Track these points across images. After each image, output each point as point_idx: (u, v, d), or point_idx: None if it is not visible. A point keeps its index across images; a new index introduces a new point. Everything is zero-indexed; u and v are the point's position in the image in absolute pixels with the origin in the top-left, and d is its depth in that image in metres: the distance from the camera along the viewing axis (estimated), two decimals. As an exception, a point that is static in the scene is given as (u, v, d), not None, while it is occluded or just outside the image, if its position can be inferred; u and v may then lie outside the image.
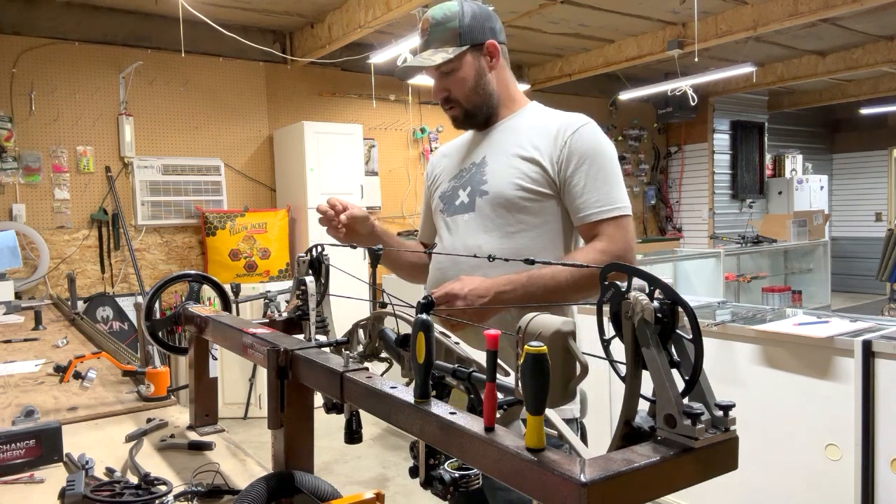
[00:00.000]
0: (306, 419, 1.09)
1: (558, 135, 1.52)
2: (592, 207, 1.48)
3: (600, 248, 1.46)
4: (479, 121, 1.64)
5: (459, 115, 1.62)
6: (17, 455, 1.25)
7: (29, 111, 4.85)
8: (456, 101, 1.60)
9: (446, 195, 1.67)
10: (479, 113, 1.62)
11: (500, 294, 1.42)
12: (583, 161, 1.49)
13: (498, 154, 1.59)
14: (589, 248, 1.49)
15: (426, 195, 1.84)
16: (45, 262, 4.82)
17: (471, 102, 1.60)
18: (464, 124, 1.66)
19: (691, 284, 6.32)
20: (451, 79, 1.58)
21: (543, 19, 5.71)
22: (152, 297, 1.55)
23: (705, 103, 8.52)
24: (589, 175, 1.49)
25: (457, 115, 1.63)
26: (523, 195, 1.51)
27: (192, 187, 5.47)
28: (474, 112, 1.61)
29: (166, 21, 5.13)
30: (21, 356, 2.39)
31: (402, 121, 6.72)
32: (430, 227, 1.82)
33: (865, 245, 9.93)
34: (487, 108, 1.62)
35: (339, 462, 3.97)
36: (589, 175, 1.49)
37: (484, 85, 1.59)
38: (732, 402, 0.65)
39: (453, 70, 1.57)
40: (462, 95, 1.59)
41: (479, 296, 1.41)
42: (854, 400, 2.42)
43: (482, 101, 1.60)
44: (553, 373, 0.64)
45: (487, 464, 0.68)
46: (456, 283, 1.44)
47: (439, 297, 1.43)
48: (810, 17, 5.26)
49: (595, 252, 1.46)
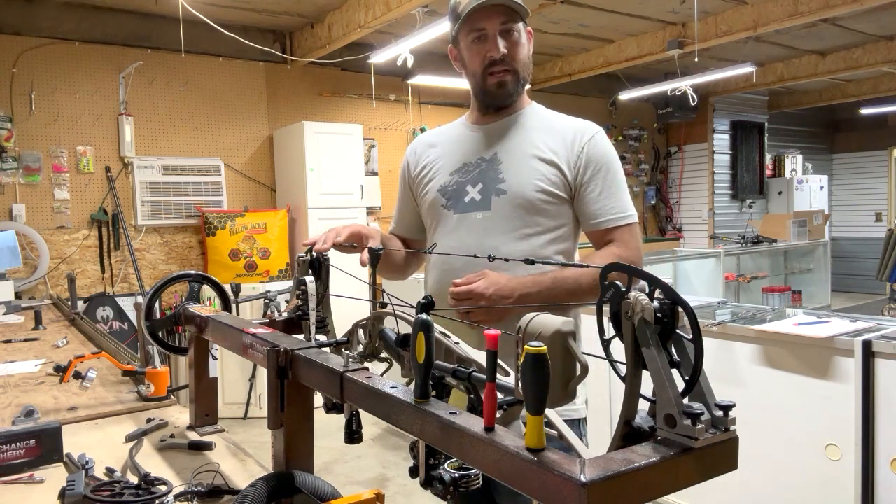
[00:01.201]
0: (306, 419, 1.09)
1: (575, 140, 1.53)
2: (608, 214, 1.51)
3: (616, 254, 1.48)
4: (514, 97, 1.58)
5: (510, 80, 1.54)
6: (17, 455, 1.25)
7: (29, 111, 4.85)
8: (511, 65, 1.53)
9: (449, 190, 1.60)
10: (519, 87, 1.57)
11: (524, 296, 1.40)
12: (599, 168, 1.51)
13: (513, 152, 1.56)
14: (606, 252, 1.50)
15: (405, 184, 1.77)
16: (45, 262, 4.82)
17: (524, 70, 1.56)
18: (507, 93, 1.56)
19: (691, 284, 6.32)
20: (511, 40, 1.52)
21: (543, 19, 5.71)
22: (152, 297, 1.55)
23: (705, 103, 8.52)
24: (605, 182, 1.51)
25: (506, 79, 1.54)
26: (543, 197, 1.51)
27: (192, 187, 5.47)
28: (520, 83, 1.57)
29: (166, 21, 5.13)
30: (21, 356, 2.39)
31: (402, 121, 6.72)
32: (411, 219, 1.76)
33: (865, 245, 9.93)
34: (522, 88, 1.58)
35: (339, 462, 3.97)
36: (605, 182, 1.51)
37: (530, 62, 1.58)
38: (732, 402, 0.65)
39: (517, 32, 1.52)
40: (519, 61, 1.54)
41: (504, 297, 1.39)
42: (854, 400, 2.42)
43: (524, 78, 1.58)
44: (553, 373, 0.64)
45: (487, 464, 0.68)
46: (481, 280, 1.41)
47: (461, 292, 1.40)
48: (810, 17, 5.26)
49: (613, 257, 1.47)
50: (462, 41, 1.57)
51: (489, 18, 1.51)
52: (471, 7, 1.49)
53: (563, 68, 7.16)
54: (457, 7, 1.54)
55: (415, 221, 1.76)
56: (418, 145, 1.78)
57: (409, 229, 1.78)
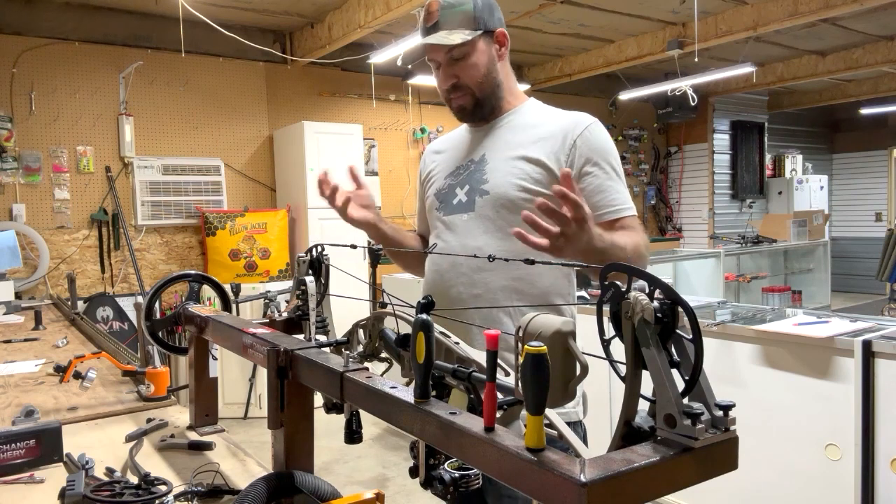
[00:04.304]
0: (306, 419, 1.09)
1: (566, 135, 1.50)
2: (611, 206, 1.46)
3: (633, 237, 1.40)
4: (485, 112, 1.58)
5: (468, 105, 1.55)
6: (17, 455, 1.25)
7: (29, 111, 4.85)
8: (466, 89, 1.53)
9: (442, 193, 1.62)
10: (486, 103, 1.56)
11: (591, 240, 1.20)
12: (594, 160, 1.47)
13: (498, 152, 1.55)
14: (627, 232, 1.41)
15: (420, 191, 1.79)
16: (45, 262, 4.82)
17: (482, 91, 1.54)
18: (471, 115, 1.58)
19: (691, 284, 6.32)
20: (461, 65, 1.52)
21: (543, 19, 5.71)
22: (152, 297, 1.55)
23: (705, 103, 8.52)
24: (603, 174, 1.47)
25: (465, 104, 1.55)
26: (526, 196, 1.48)
27: (192, 187, 5.47)
28: (483, 102, 1.56)
29: (166, 21, 5.13)
30: (21, 356, 2.39)
31: (402, 121, 6.72)
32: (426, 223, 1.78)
33: (865, 245, 9.92)
34: (495, 99, 1.57)
35: (339, 462, 3.97)
36: (603, 174, 1.47)
37: (494, 74, 1.55)
38: (732, 402, 0.65)
39: (466, 55, 1.51)
40: (473, 83, 1.53)
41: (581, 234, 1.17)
42: (854, 400, 2.42)
43: (491, 90, 1.56)
44: (553, 373, 0.64)
45: (487, 464, 0.68)
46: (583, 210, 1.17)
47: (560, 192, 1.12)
48: (810, 17, 5.26)
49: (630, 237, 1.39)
50: None
51: (436, 51, 1.52)
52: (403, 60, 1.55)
53: (563, 68, 7.16)
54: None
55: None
56: (428, 153, 1.79)
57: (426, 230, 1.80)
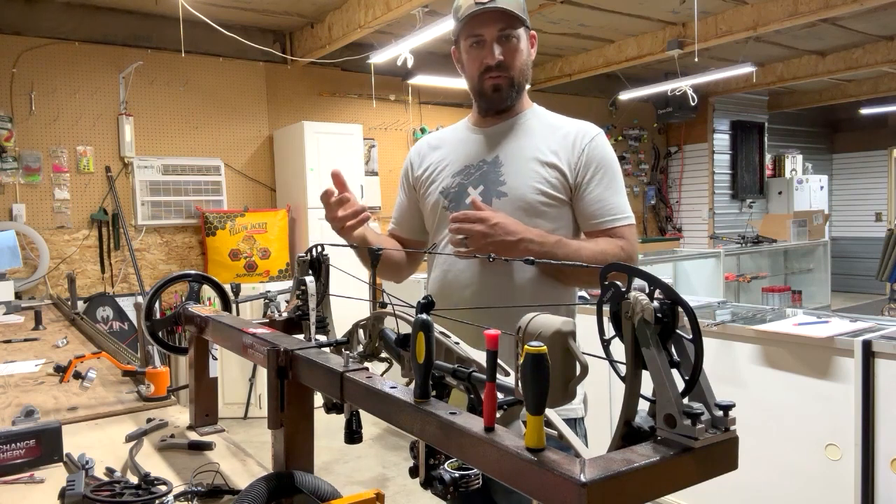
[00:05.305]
0: (306, 419, 1.09)
1: (576, 141, 1.55)
2: (609, 214, 1.53)
3: (620, 245, 1.51)
4: (511, 101, 1.60)
5: (505, 85, 1.56)
6: (17, 455, 1.25)
7: (29, 111, 4.85)
8: (507, 70, 1.54)
9: (451, 191, 1.62)
10: (517, 92, 1.59)
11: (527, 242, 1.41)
12: (599, 169, 1.54)
13: (514, 155, 1.57)
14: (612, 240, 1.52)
15: (408, 185, 1.77)
16: (45, 262, 4.82)
17: (521, 76, 1.57)
18: (501, 98, 1.58)
19: (691, 284, 6.32)
20: (509, 46, 1.53)
21: (543, 19, 5.71)
22: (152, 297, 1.55)
23: (705, 103, 8.52)
24: (605, 183, 1.53)
25: (502, 84, 1.56)
26: (543, 200, 1.52)
27: (192, 187, 5.47)
28: (517, 88, 1.58)
29: (166, 21, 5.13)
30: (21, 356, 2.39)
31: (402, 121, 6.71)
32: (412, 221, 1.76)
33: (865, 245, 9.93)
34: (520, 92, 1.60)
35: (339, 462, 3.97)
36: (605, 183, 1.53)
37: (528, 66, 1.59)
38: (732, 402, 0.65)
39: (516, 37, 1.53)
40: (515, 67, 1.55)
41: (508, 232, 1.40)
42: (854, 400, 2.42)
43: (524, 80, 1.59)
44: (553, 373, 0.64)
45: (487, 464, 0.68)
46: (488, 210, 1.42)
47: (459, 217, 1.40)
48: (810, 17, 5.25)
49: (616, 247, 1.50)
50: (462, 44, 1.59)
51: (487, 25, 1.51)
52: (469, 13, 1.51)
53: (563, 68, 7.16)
54: (458, 10, 1.55)
55: (415, 223, 1.76)
56: (422, 147, 1.77)
57: (410, 230, 1.78)
